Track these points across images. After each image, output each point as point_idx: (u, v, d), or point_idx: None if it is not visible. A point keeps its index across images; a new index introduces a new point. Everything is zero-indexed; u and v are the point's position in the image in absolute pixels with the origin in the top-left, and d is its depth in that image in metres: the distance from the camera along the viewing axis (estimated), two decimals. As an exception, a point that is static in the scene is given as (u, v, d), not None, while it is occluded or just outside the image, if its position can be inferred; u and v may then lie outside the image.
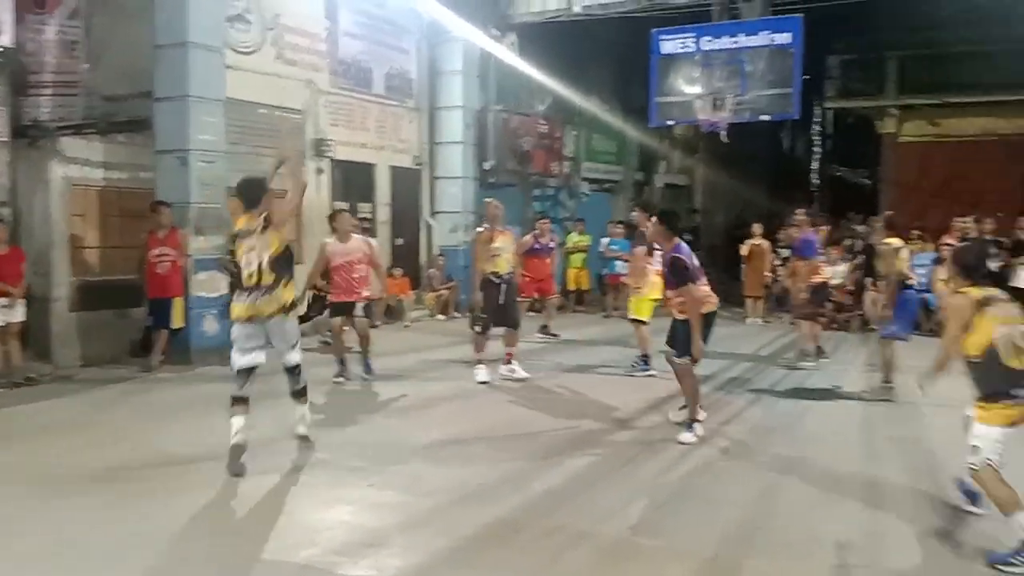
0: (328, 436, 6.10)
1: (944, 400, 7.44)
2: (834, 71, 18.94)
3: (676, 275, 6.27)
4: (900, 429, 6.71)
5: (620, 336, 11.08)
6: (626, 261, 13.88)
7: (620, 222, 15.22)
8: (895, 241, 7.96)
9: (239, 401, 5.38)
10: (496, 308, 8.30)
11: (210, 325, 9.33)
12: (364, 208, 12.81)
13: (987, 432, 4.21)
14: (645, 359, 8.78)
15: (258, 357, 5.47)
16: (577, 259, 14.97)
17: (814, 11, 11.61)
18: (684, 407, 6.51)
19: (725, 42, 11.41)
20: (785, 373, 9.08)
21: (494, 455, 5.82)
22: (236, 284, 5.46)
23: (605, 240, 14.60)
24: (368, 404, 7.47)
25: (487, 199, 8.96)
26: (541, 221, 11.89)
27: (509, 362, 8.62)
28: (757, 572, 3.98)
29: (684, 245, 6.37)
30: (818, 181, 25.60)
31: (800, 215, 10.02)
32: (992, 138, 17.17)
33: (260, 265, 5.35)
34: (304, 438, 5.70)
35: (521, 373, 8.52)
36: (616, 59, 17.15)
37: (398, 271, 13.10)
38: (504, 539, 4.31)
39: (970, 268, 4.48)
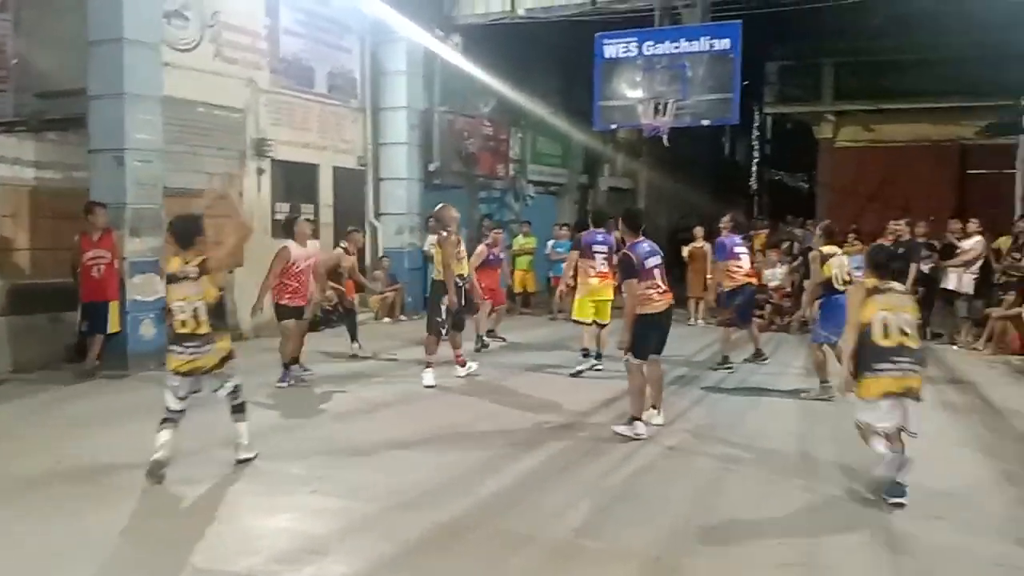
0: (269, 441, 5.99)
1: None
2: (772, 77, 19.35)
3: (621, 270, 6.61)
4: (840, 426, 6.84)
5: (566, 338, 11.13)
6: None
7: (565, 224, 15.30)
8: (828, 248, 8.04)
9: (170, 420, 5.31)
10: (457, 310, 8.45)
11: (147, 329, 9.09)
12: (307, 209, 12.61)
13: (864, 405, 4.99)
14: (584, 353, 9.04)
15: (192, 401, 5.44)
16: (523, 261, 14.99)
17: (753, 18, 11.82)
18: (653, 407, 6.74)
19: (667, 47, 11.53)
20: (727, 373, 9.22)
21: (438, 459, 5.79)
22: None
23: (551, 242, 14.66)
24: (311, 408, 7.36)
25: (443, 203, 8.93)
26: (495, 231, 11.88)
27: (464, 363, 8.77)
28: (700, 571, 4.03)
29: (643, 245, 6.58)
30: (757, 184, 26.15)
31: (724, 220, 10.16)
32: (924, 143, 17.76)
33: (196, 314, 5.23)
34: (243, 461, 5.54)
35: (474, 365, 8.85)
36: (560, 62, 17.25)
37: (342, 273, 12.93)
38: (447, 543, 4.29)
39: (878, 264, 5.22)
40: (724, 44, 11.23)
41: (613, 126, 13.74)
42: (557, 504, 4.88)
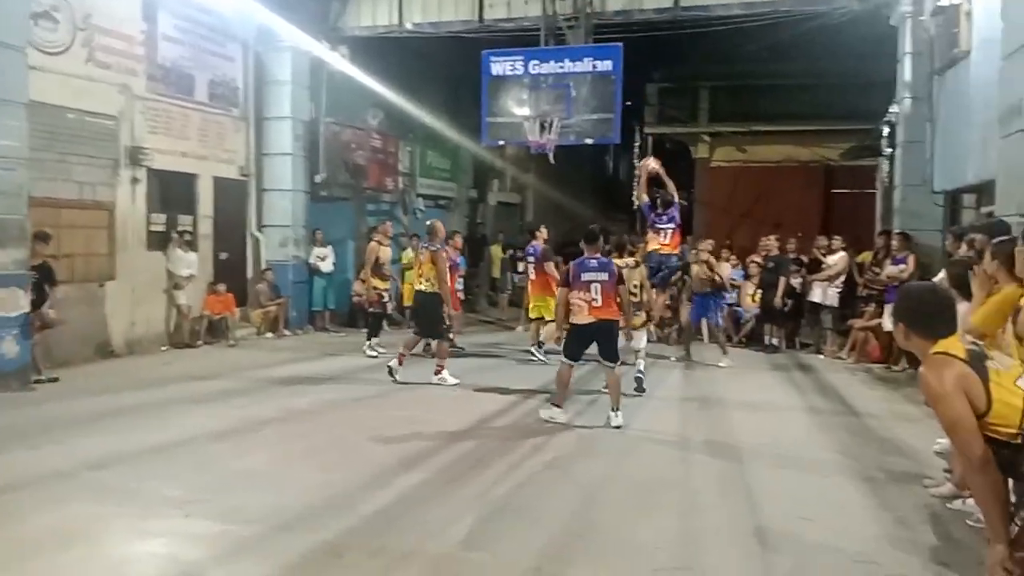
0: (139, 463, 5.76)
1: (753, 404, 8.06)
2: (653, 99, 20.08)
3: (560, 278, 7.85)
4: (715, 428, 7.19)
5: (454, 352, 11.15)
6: (462, 277, 14.09)
7: (456, 232, 15.33)
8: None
9: None
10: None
11: (9, 347, 8.54)
12: (185, 221, 12.21)
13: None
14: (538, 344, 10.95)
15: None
16: (412, 275, 14.84)
17: (634, 41, 12.28)
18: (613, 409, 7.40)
19: (552, 67, 11.81)
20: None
21: (320, 477, 5.69)
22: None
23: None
24: (185, 428, 7.07)
25: (434, 220, 9.95)
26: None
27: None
28: (578, 579, 4.13)
29: (590, 260, 7.33)
30: (639, 201, 27.05)
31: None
32: (793, 164, 18.80)
33: None
34: None
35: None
36: (450, 77, 17.34)
37: (222, 287, 12.56)
38: (327, 564, 4.22)
39: (620, 246, 8.72)
40: (606, 65, 11.59)
41: (500, 142, 13.93)
42: (440, 519, 4.88)
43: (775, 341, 12.62)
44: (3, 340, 8.51)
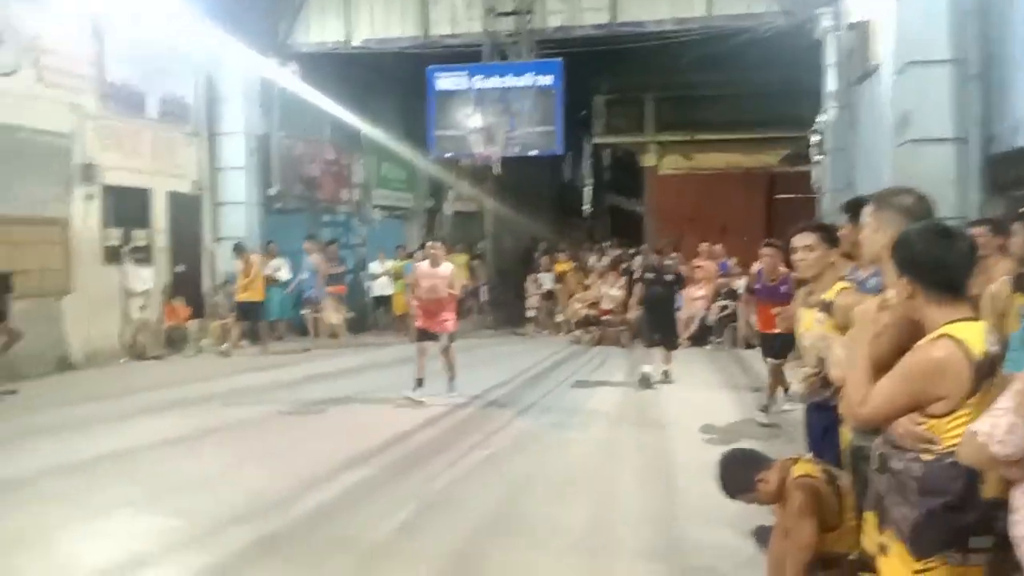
0: (94, 469, 6.04)
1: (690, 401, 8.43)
2: (600, 110, 20.67)
3: None
4: (643, 436, 7.61)
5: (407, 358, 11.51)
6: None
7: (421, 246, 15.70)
8: None
9: None
10: None
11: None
12: (140, 235, 12.42)
13: None
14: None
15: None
16: (401, 284, 15.13)
17: (580, 54, 12.75)
18: None
19: (495, 81, 12.29)
20: (554, 386, 9.86)
21: (267, 477, 5.99)
22: None
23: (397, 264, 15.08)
24: (139, 436, 7.32)
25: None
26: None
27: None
28: (495, 559, 4.52)
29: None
30: (593, 209, 27.65)
31: None
32: (736, 171, 19.47)
33: None
34: None
35: None
36: (402, 90, 17.67)
37: (179, 300, 12.79)
38: (269, 552, 4.57)
39: None
40: (547, 80, 12.09)
41: (448, 154, 14.35)
42: (379, 510, 5.24)
43: (719, 340, 13.14)
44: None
